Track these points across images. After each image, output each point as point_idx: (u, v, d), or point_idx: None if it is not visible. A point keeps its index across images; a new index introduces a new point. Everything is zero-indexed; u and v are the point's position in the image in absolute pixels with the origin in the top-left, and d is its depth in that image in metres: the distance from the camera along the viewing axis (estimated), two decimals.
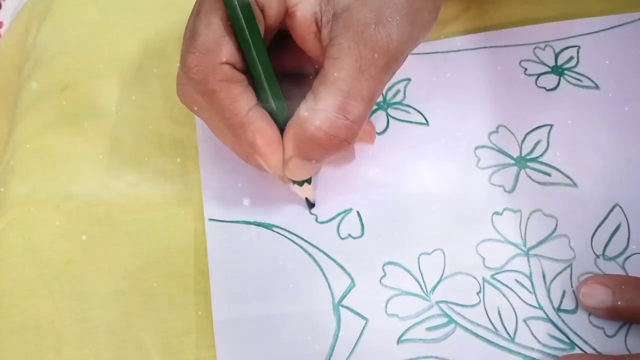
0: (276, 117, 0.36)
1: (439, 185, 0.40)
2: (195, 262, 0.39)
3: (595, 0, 0.46)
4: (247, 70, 0.35)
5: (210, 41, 0.34)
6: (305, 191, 0.39)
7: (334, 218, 0.39)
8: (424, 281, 0.37)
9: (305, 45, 0.36)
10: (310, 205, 0.40)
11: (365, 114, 0.34)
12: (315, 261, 0.38)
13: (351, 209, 0.40)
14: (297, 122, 0.35)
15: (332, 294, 0.37)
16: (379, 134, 0.42)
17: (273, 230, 0.39)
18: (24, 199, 0.41)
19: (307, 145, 0.35)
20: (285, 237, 0.39)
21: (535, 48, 0.44)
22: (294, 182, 0.38)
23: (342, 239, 0.39)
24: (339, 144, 0.34)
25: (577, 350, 0.35)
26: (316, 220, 0.39)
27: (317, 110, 0.34)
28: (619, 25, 0.45)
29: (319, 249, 0.38)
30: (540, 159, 0.40)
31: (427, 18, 0.35)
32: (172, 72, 0.45)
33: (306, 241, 0.38)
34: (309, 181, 0.38)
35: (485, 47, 0.44)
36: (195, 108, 0.37)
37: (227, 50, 0.34)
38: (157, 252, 0.39)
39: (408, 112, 0.42)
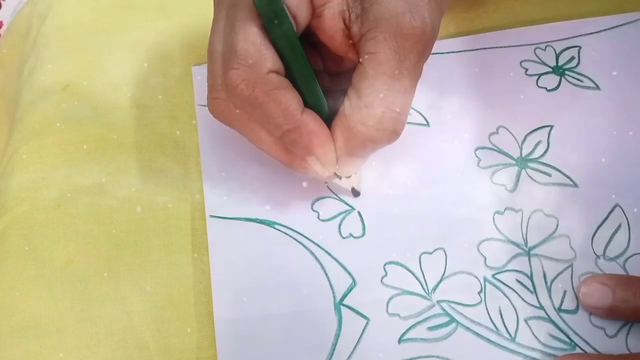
0: (323, 118, 0.36)
1: (439, 184, 0.40)
2: (196, 262, 0.39)
3: (596, 0, 0.46)
4: (288, 75, 0.35)
5: (252, 53, 0.34)
6: (352, 182, 0.39)
7: (335, 217, 0.39)
8: (425, 280, 0.37)
9: (333, 44, 0.36)
10: (356, 193, 0.40)
11: (409, 102, 0.35)
12: (317, 259, 0.38)
13: (352, 209, 0.40)
14: (345, 121, 0.35)
15: (333, 292, 0.37)
16: None
17: (275, 228, 0.39)
18: (24, 199, 0.41)
19: (357, 142, 0.35)
20: (287, 234, 0.39)
21: (536, 48, 0.44)
22: (341, 176, 0.38)
23: (344, 238, 0.39)
24: (388, 137, 0.35)
25: (578, 350, 0.35)
26: (318, 218, 0.39)
27: (363, 108, 0.34)
28: (620, 25, 0.45)
29: (320, 247, 0.38)
30: (541, 160, 0.41)
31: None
32: (172, 72, 0.45)
33: (308, 239, 0.38)
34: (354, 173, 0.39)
35: (486, 48, 0.44)
36: (233, 122, 0.37)
37: (271, 59, 0.34)
38: (157, 252, 0.39)
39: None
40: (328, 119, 0.36)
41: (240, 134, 0.38)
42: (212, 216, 0.39)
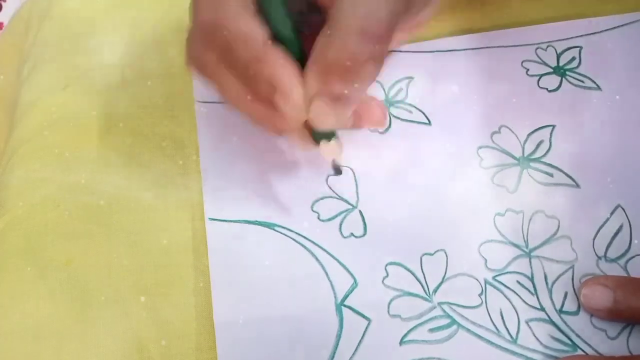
0: (293, 55, 0.34)
1: (441, 185, 0.40)
2: (196, 263, 0.39)
3: (597, 0, 0.46)
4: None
5: None
6: (331, 150, 0.36)
7: (335, 216, 0.39)
8: (426, 282, 0.37)
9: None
10: (337, 170, 0.38)
11: (386, 35, 0.33)
12: (318, 260, 0.38)
13: (354, 207, 0.39)
14: (318, 52, 0.33)
15: (334, 293, 0.37)
16: (381, 133, 0.42)
17: (275, 230, 0.39)
18: (24, 199, 0.41)
19: (331, 74, 0.33)
20: (287, 236, 0.39)
21: (537, 48, 0.44)
22: (318, 138, 0.36)
23: (345, 237, 0.38)
24: (364, 65, 0.32)
25: (579, 352, 0.35)
26: (318, 218, 0.39)
27: (337, 34, 0.32)
28: (621, 26, 0.45)
29: (321, 247, 0.38)
30: (543, 159, 0.40)
31: None
32: (172, 72, 0.45)
33: (309, 240, 0.38)
34: (334, 136, 0.36)
35: (487, 47, 0.44)
36: (205, 66, 0.35)
37: None
38: (157, 253, 0.39)
39: (410, 111, 0.42)
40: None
41: (213, 84, 0.35)
42: (211, 219, 0.39)
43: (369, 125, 0.40)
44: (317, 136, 0.36)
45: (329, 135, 0.36)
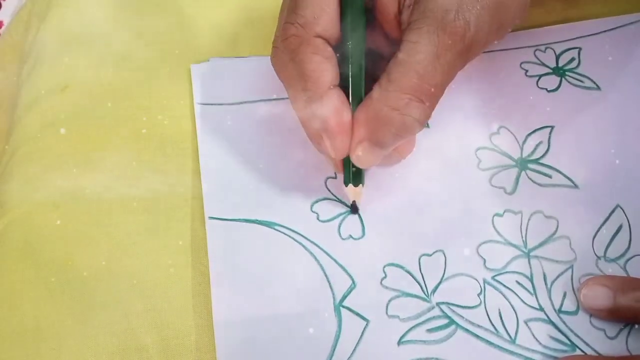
0: (354, 99, 0.36)
1: (439, 186, 0.40)
2: (195, 263, 0.39)
3: (596, 3, 0.46)
4: (338, 45, 0.36)
5: (308, 13, 0.35)
6: (355, 193, 0.39)
7: (334, 218, 0.39)
8: (424, 282, 0.37)
9: (385, 25, 0.37)
10: (355, 209, 0.39)
11: (437, 98, 0.35)
12: (317, 260, 0.38)
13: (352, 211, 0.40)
14: (369, 103, 0.35)
15: (333, 294, 0.37)
16: None
17: (274, 229, 0.39)
18: (24, 199, 0.41)
19: (378, 126, 0.35)
20: (287, 235, 0.39)
21: (535, 50, 0.44)
22: (349, 181, 0.38)
23: (343, 239, 0.38)
24: (410, 125, 0.35)
25: (578, 352, 0.35)
26: (317, 219, 0.39)
27: (391, 91, 0.34)
28: (620, 27, 0.45)
29: (320, 247, 0.38)
30: (541, 161, 0.40)
31: (512, 11, 0.36)
32: (172, 72, 0.45)
33: (308, 240, 0.38)
34: (362, 183, 0.38)
35: (486, 51, 0.44)
36: (283, 75, 0.37)
37: (323, 25, 0.36)
38: (157, 253, 0.39)
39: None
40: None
41: (284, 87, 0.38)
42: (211, 217, 0.39)
43: (396, 154, 0.40)
44: (348, 178, 0.38)
45: (358, 180, 0.38)
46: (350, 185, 0.38)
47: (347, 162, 0.38)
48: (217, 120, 0.43)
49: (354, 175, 0.38)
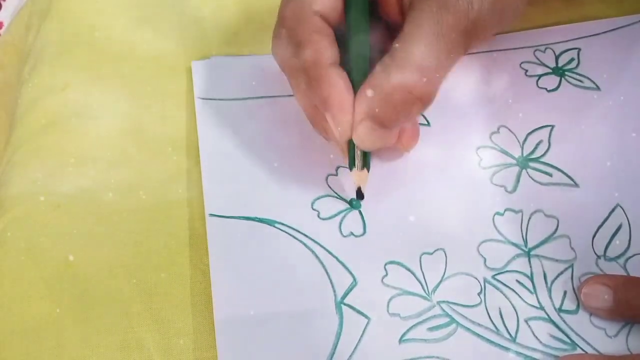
0: (356, 79, 0.36)
1: (440, 185, 0.40)
2: (195, 262, 0.39)
3: (595, 3, 0.46)
4: (338, 25, 0.36)
5: None
6: (360, 178, 0.38)
7: (335, 215, 0.39)
8: (425, 281, 0.37)
9: (387, 9, 0.37)
10: (361, 196, 0.39)
11: (440, 77, 0.35)
12: (318, 258, 0.38)
13: (353, 207, 0.39)
14: (372, 81, 0.35)
15: (334, 291, 0.37)
16: None
17: (275, 227, 0.39)
18: (24, 199, 0.41)
19: (379, 104, 0.35)
20: (288, 233, 0.38)
21: (535, 50, 0.45)
22: (353, 165, 0.38)
23: (344, 236, 0.38)
24: (412, 103, 0.34)
25: (579, 351, 0.35)
26: (318, 216, 0.39)
27: (393, 68, 0.34)
28: (619, 28, 0.45)
29: (321, 245, 0.38)
30: (542, 159, 0.41)
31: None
32: (172, 70, 0.45)
33: (309, 237, 0.38)
34: (368, 167, 0.38)
35: (485, 52, 0.44)
36: (282, 59, 0.37)
37: (322, 3, 0.36)
38: (158, 252, 0.39)
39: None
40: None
41: (285, 77, 0.38)
42: (211, 215, 0.39)
43: (400, 145, 0.40)
44: (353, 161, 0.38)
45: (365, 163, 0.38)
46: (355, 170, 0.38)
47: (352, 146, 0.37)
48: (218, 116, 0.43)
49: (360, 159, 0.38)
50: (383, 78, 0.34)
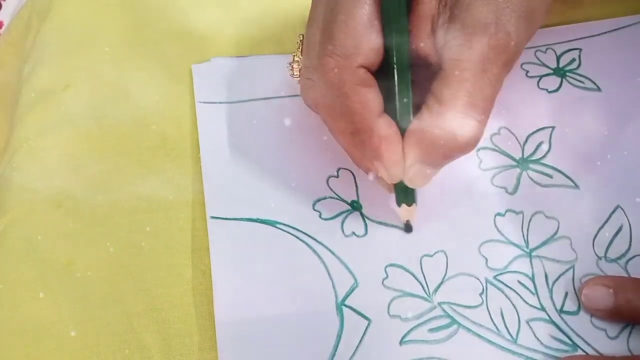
0: (402, 125, 0.35)
1: (441, 186, 0.40)
2: (196, 263, 0.39)
3: (596, 4, 0.46)
4: (381, 70, 0.35)
5: (349, 45, 0.34)
6: (409, 213, 0.38)
7: (337, 216, 0.39)
8: (426, 282, 0.37)
9: (418, 45, 0.36)
10: (409, 229, 0.39)
11: (488, 113, 0.34)
12: (320, 258, 0.38)
13: (354, 209, 0.39)
14: (422, 126, 0.34)
15: (335, 292, 0.37)
16: None
17: (277, 227, 0.39)
18: (25, 199, 0.41)
19: (432, 149, 0.34)
20: (290, 233, 0.38)
21: (536, 51, 0.45)
22: (402, 201, 0.38)
23: (347, 236, 0.38)
24: (465, 145, 0.34)
25: (580, 352, 0.35)
26: (320, 217, 0.39)
27: (443, 113, 0.33)
28: (620, 28, 0.45)
29: (323, 245, 0.38)
30: (542, 161, 0.41)
31: (539, 18, 0.36)
32: (172, 71, 0.45)
33: (311, 237, 0.38)
34: (414, 201, 0.38)
35: None
36: (324, 110, 0.37)
37: (365, 55, 0.34)
38: (158, 253, 0.39)
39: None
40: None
41: (322, 120, 0.38)
42: (212, 217, 0.39)
43: None
44: (402, 197, 0.38)
45: (411, 200, 0.38)
46: (404, 205, 0.38)
47: (398, 184, 0.37)
48: (219, 119, 0.43)
49: (407, 195, 0.38)
50: (432, 122, 0.34)
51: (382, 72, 0.35)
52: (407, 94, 0.35)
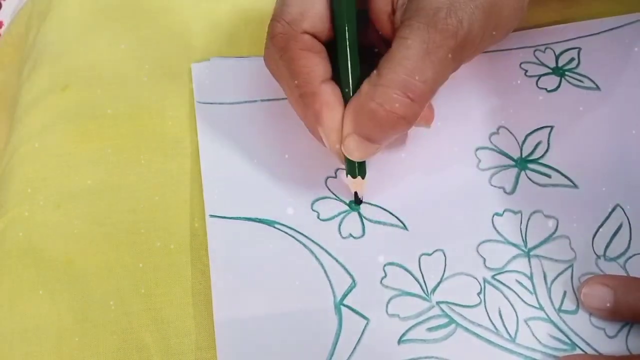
0: (347, 95, 0.36)
1: (439, 186, 0.40)
2: (195, 262, 0.39)
3: (595, 2, 0.46)
4: (330, 43, 0.37)
5: (296, 12, 0.36)
6: (356, 185, 0.39)
7: (335, 217, 0.39)
8: (424, 282, 0.37)
9: (379, 25, 0.37)
10: (358, 201, 0.39)
11: (426, 96, 0.35)
12: (317, 259, 0.38)
13: (352, 209, 0.39)
14: (358, 98, 0.35)
15: (333, 292, 0.37)
16: None
17: (275, 227, 0.39)
18: (24, 199, 0.41)
19: (365, 121, 0.35)
20: (287, 233, 0.39)
21: (535, 50, 0.44)
22: (348, 172, 0.38)
23: (344, 238, 0.38)
24: (396, 121, 0.34)
25: (578, 351, 0.35)
26: (318, 217, 0.39)
27: (379, 86, 0.34)
28: (619, 27, 0.45)
29: (321, 246, 0.38)
30: (541, 161, 0.40)
31: (506, 13, 0.36)
32: (172, 71, 0.45)
33: (308, 238, 0.38)
34: (362, 175, 0.38)
35: (484, 52, 0.44)
36: (275, 72, 0.38)
37: (310, 22, 0.36)
38: (157, 252, 0.39)
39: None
40: None
41: (278, 84, 0.39)
42: (211, 216, 0.39)
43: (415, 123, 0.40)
44: (349, 169, 0.38)
45: (360, 171, 0.38)
46: (350, 177, 0.38)
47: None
48: (218, 119, 0.43)
49: (354, 167, 0.38)
50: (368, 96, 0.34)
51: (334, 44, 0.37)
52: (352, 62, 0.36)
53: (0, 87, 0.53)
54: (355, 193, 0.39)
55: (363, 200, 0.40)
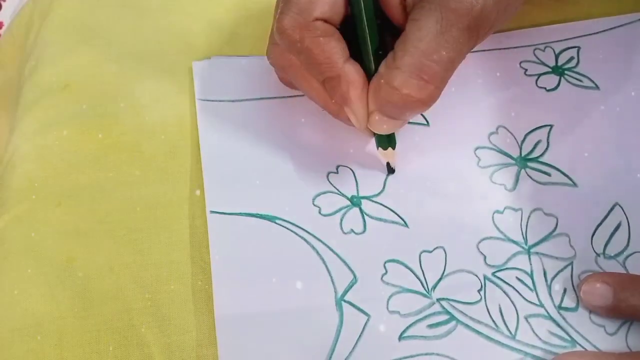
0: (370, 71, 0.37)
1: (439, 183, 0.40)
2: (196, 260, 0.39)
3: (595, 2, 0.46)
4: (342, 23, 0.37)
5: (304, 1, 0.35)
6: (387, 155, 0.40)
7: (336, 212, 0.39)
8: (425, 279, 0.37)
9: (390, 10, 0.37)
10: (390, 170, 0.40)
11: (443, 76, 0.35)
12: (319, 254, 0.38)
13: (353, 205, 0.40)
14: (376, 79, 0.36)
15: (335, 288, 0.37)
16: None
17: (276, 223, 0.39)
18: (25, 197, 0.41)
19: (384, 102, 0.36)
20: (289, 229, 0.39)
21: (535, 49, 0.45)
22: (379, 145, 0.39)
23: (345, 233, 0.39)
24: (414, 104, 0.35)
25: (578, 348, 0.35)
26: (319, 212, 0.39)
27: (394, 70, 0.34)
28: (619, 26, 0.45)
29: (322, 242, 0.38)
30: (541, 159, 0.41)
31: None
32: (172, 69, 0.46)
33: (310, 234, 0.38)
34: (393, 145, 0.39)
35: (484, 50, 0.45)
36: (286, 68, 0.38)
37: (320, 8, 0.35)
38: (158, 250, 0.39)
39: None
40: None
41: (293, 81, 0.39)
42: (212, 212, 0.39)
43: None
44: (379, 141, 0.39)
45: (390, 142, 0.39)
46: (381, 149, 0.39)
47: None
48: (219, 115, 0.43)
49: (383, 138, 0.39)
50: (384, 78, 0.35)
51: (350, 24, 0.37)
52: (372, 40, 0.36)
53: (1, 87, 0.53)
54: (388, 163, 0.40)
55: (395, 171, 0.40)
